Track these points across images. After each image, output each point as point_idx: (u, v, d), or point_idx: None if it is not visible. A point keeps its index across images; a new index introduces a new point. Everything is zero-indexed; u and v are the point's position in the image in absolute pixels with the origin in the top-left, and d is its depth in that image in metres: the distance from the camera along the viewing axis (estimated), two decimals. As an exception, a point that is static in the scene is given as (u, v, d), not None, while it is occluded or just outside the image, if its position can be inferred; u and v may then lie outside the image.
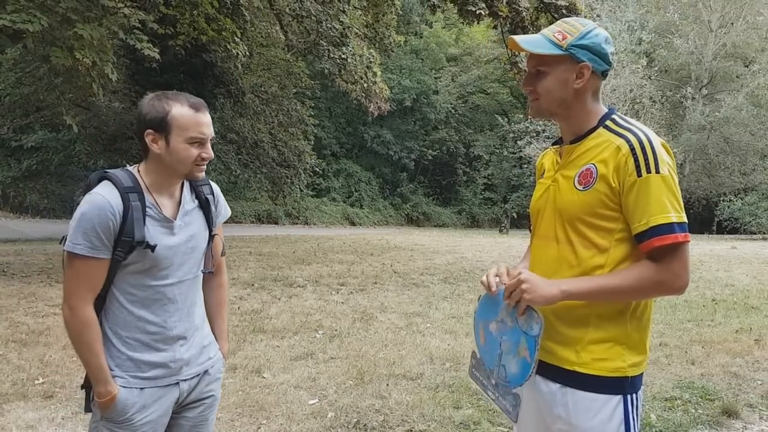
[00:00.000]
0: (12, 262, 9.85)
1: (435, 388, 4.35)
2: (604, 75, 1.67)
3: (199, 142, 1.78)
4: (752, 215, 30.11)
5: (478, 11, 11.99)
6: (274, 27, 16.01)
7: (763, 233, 29.90)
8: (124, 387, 1.78)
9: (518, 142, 30.73)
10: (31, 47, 8.42)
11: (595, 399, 1.59)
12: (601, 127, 1.64)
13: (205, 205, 1.95)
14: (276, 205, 26.67)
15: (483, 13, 12.08)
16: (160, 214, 1.80)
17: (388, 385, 4.40)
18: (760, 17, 32.05)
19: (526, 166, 32.21)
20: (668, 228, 1.49)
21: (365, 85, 14.29)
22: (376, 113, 16.59)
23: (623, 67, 26.87)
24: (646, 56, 29.81)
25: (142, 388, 1.80)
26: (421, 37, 38.51)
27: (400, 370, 4.78)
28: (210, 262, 2.00)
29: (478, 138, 38.00)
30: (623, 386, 1.60)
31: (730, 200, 31.35)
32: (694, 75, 34.45)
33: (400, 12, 17.53)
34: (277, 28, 15.72)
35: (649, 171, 1.51)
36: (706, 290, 9.56)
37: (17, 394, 3.98)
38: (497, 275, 1.70)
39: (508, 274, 1.70)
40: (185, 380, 1.89)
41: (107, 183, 1.76)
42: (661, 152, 1.54)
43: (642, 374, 1.65)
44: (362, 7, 14.06)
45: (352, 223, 31.71)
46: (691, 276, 1.54)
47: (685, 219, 1.53)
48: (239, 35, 11.63)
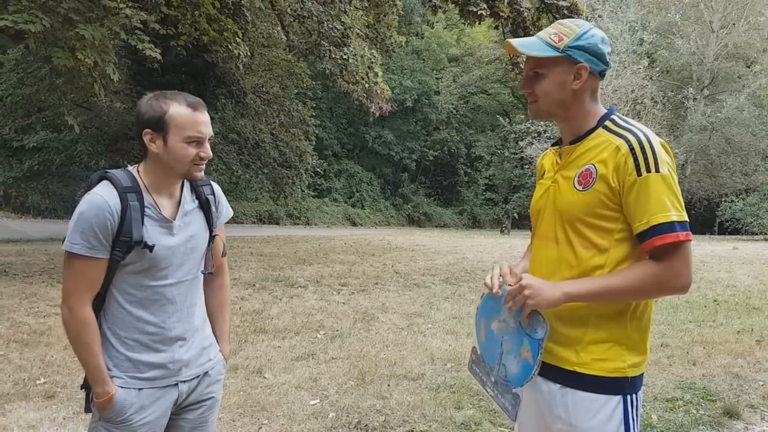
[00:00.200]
0: (14, 263, 9.87)
1: (436, 389, 4.35)
2: (602, 75, 1.67)
3: (197, 141, 1.77)
4: (754, 216, 30.05)
5: (479, 12, 11.99)
6: (275, 27, 16.02)
7: (765, 234, 29.84)
8: (122, 387, 1.77)
9: (519, 142, 30.69)
10: (33, 48, 8.44)
11: (594, 399, 1.59)
12: (601, 128, 1.65)
13: (205, 206, 1.94)
14: (277, 205, 26.68)
15: (484, 13, 12.08)
16: (159, 215, 1.79)
17: (389, 385, 4.40)
18: (761, 18, 32.00)
19: (527, 166, 32.16)
20: (669, 227, 1.49)
21: (366, 85, 14.28)
22: (377, 114, 16.58)
23: (625, 67, 26.84)
24: (648, 57, 29.79)
25: (140, 389, 1.79)
26: (422, 38, 38.52)
27: (402, 370, 4.78)
28: (210, 263, 1.98)
29: (480, 138, 37.99)
30: (623, 386, 1.60)
31: (732, 201, 31.29)
32: (696, 75, 34.40)
33: (402, 12, 17.53)
34: (279, 28, 15.73)
35: (648, 170, 1.51)
36: (707, 291, 9.56)
37: (19, 394, 3.99)
38: (500, 276, 1.71)
39: (511, 274, 1.71)
40: (184, 381, 1.88)
41: (106, 183, 1.76)
42: (661, 152, 1.54)
43: (642, 375, 1.65)
44: (363, 7, 14.05)
45: (354, 224, 31.72)
46: (693, 277, 1.54)
47: (686, 218, 1.53)
48: (241, 36, 11.64)
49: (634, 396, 1.62)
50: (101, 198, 1.71)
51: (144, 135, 1.76)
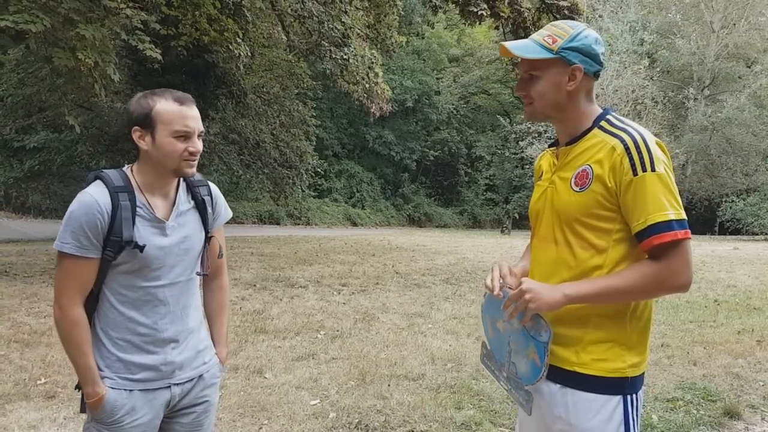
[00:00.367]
0: (14, 263, 9.87)
1: (436, 389, 4.36)
2: (596, 76, 1.68)
3: (185, 135, 1.75)
4: (754, 216, 30.01)
5: (479, 12, 12.00)
6: (276, 28, 16.03)
7: (766, 234, 29.79)
8: (112, 388, 1.76)
9: (520, 142, 30.65)
10: (34, 48, 8.44)
11: (594, 399, 1.60)
12: (596, 128, 1.65)
13: (201, 207, 1.91)
14: (278, 205, 26.68)
15: (485, 13, 12.10)
16: (151, 214, 1.78)
17: (389, 385, 4.40)
18: (762, 18, 31.97)
19: (528, 166, 32.11)
20: (667, 226, 1.49)
21: (367, 85, 14.30)
22: (377, 114, 16.60)
23: (625, 67, 26.80)
24: (648, 57, 29.73)
25: (131, 390, 1.78)
26: (422, 38, 38.52)
27: (402, 370, 4.78)
28: (205, 265, 1.95)
29: (480, 138, 37.97)
30: (623, 387, 1.60)
31: (733, 201, 31.25)
32: (696, 76, 34.38)
33: (402, 13, 17.52)
34: (279, 28, 15.74)
35: (644, 170, 1.51)
36: (708, 291, 9.55)
37: (19, 395, 3.99)
38: (501, 277, 1.71)
39: (511, 274, 1.72)
40: (177, 384, 1.86)
41: (98, 182, 1.75)
42: (656, 151, 1.54)
43: (642, 375, 1.66)
44: (364, 7, 14.06)
45: (354, 224, 31.71)
46: (694, 277, 1.54)
47: (684, 216, 1.53)
48: (241, 36, 11.65)
49: (634, 396, 1.62)
50: (91, 197, 1.71)
51: (133, 132, 1.76)
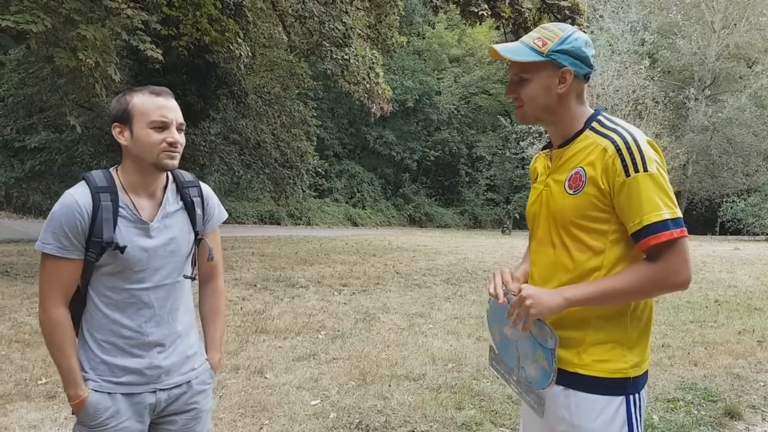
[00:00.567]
0: (15, 263, 9.88)
1: (437, 389, 4.36)
2: (587, 78, 1.68)
3: (162, 126, 1.73)
4: (755, 216, 30.02)
5: (480, 12, 12.00)
6: (276, 28, 16.03)
7: (767, 234, 29.81)
8: (96, 391, 1.75)
9: (521, 143, 30.64)
10: (35, 48, 8.44)
11: (597, 400, 1.60)
12: (588, 129, 1.65)
13: (189, 207, 1.88)
14: (278, 205, 26.68)
15: (485, 14, 12.10)
16: (134, 215, 1.75)
17: (390, 385, 4.40)
18: (763, 18, 31.94)
19: (528, 166, 32.14)
20: (662, 225, 1.50)
21: (368, 85, 14.30)
22: (378, 114, 16.60)
23: (626, 68, 26.79)
24: (649, 57, 29.72)
25: (114, 393, 1.76)
26: (423, 38, 38.51)
27: (403, 370, 4.78)
28: (193, 267, 1.91)
29: (481, 139, 37.97)
30: (625, 387, 1.60)
31: (733, 201, 31.25)
32: (697, 76, 34.37)
33: (403, 13, 17.53)
34: (280, 29, 15.74)
35: (636, 170, 1.51)
36: (708, 291, 9.55)
37: (20, 394, 4.00)
38: (503, 283, 1.72)
39: (513, 279, 1.72)
40: (164, 389, 1.83)
41: (82, 183, 1.74)
42: (648, 150, 1.54)
43: (645, 374, 1.66)
44: (365, 8, 14.06)
45: (355, 224, 31.70)
46: (694, 277, 1.54)
47: (679, 214, 1.53)
48: (242, 36, 11.64)
49: (636, 395, 1.62)
50: (72, 198, 1.70)
51: (113, 129, 1.75)
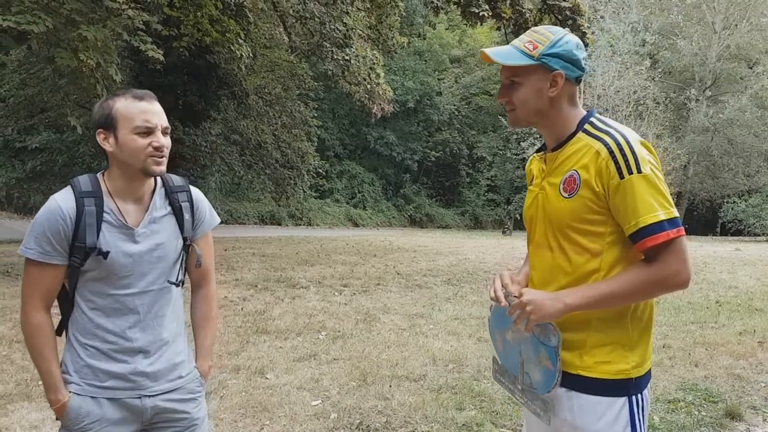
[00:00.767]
0: (16, 263, 9.88)
1: (438, 390, 4.35)
2: (578, 81, 1.67)
3: (147, 131, 1.70)
4: (756, 217, 30.02)
5: (481, 13, 11.98)
6: (277, 28, 16.06)
7: (767, 235, 29.82)
8: (77, 394, 1.73)
9: (521, 143, 30.69)
10: (36, 48, 8.46)
11: (599, 402, 1.60)
12: (581, 132, 1.65)
13: (178, 213, 1.85)
14: (279, 206, 26.68)
15: (486, 14, 12.08)
16: (119, 220, 1.73)
17: (390, 386, 4.40)
18: (764, 19, 31.96)
19: (529, 167, 32.07)
20: (658, 227, 1.49)
21: (368, 86, 14.30)
22: (379, 115, 16.62)
23: (627, 68, 26.84)
24: (650, 58, 29.76)
25: (97, 398, 1.74)
26: (424, 39, 38.50)
27: (403, 371, 4.78)
28: (180, 273, 1.88)
29: (482, 139, 37.93)
30: (627, 388, 1.60)
31: (734, 202, 31.26)
32: (698, 76, 34.38)
33: (404, 13, 17.55)
34: (281, 29, 15.76)
35: (630, 172, 1.51)
36: (709, 292, 9.53)
37: (21, 395, 4.00)
38: (503, 286, 1.72)
39: (513, 283, 1.72)
40: (150, 396, 1.79)
41: (67, 188, 1.73)
42: (641, 151, 1.54)
43: (647, 373, 1.65)
44: (365, 8, 14.06)
45: (355, 225, 31.70)
46: (695, 278, 1.54)
47: (676, 214, 1.52)
48: (243, 37, 11.65)
49: (639, 396, 1.62)
50: (55, 203, 1.69)
51: (98, 135, 1.73)
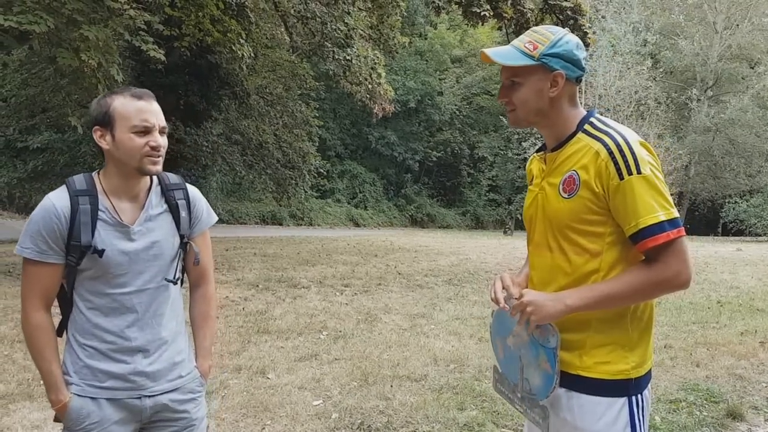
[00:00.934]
0: (17, 263, 9.89)
1: (439, 390, 4.35)
2: (578, 81, 1.67)
3: (144, 130, 1.70)
4: (758, 217, 30.00)
5: (482, 13, 11.97)
6: (279, 28, 16.04)
7: (769, 235, 29.82)
8: (78, 395, 1.73)
9: (523, 143, 30.69)
10: (37, 48, 8.47)
11: (599, 402, 1.60)
12: (580, 132, 1.65)
13: (174, 210, 1.84)
14: (280, 206, 26.67)
15: (487, 14, 12.06)
16: (114, 219, 1.73)
17: (392, 386, 4.40)
18: (765, 19, 31.93)
19: (530, 167, 32.05)
20: (659, 227, 1.49)
21: (370, 86, 14.27)
22: (380, 115, 16.57)
23: (628, 68, 26.82)
24: (651, 58, 29.73)
25: (97, 398, 1.73)
26: (425, 39, 38.50)
27: (404, 371, 4.78)
28: (176, 271, 1.86)
29: (483, 139, 37.94)
30: (627, 388, 1.60)
31: (736, 202, 31.24)
32: (700, 76, 34.36)
33: (405, 13, 17.51)
34: (282, 29, 15.74)
35: (630, 173, 1.51)
36: (711, 292, 9.53)
37: (23, 394, 4.00)
38: (504, 288, 1.72)
39: (514, 284, 1.72)
40: (150, 396, 1.79)
41: (62, 186, 1.74)
42: (641, 152, 1.53)
43: (647, 374, 1.65)
44: (367, 8, 14.04)
45: (356, 225, 31.72)
46: (697, 278, 1.54)
47: (676, 214, 1.52)
48: (244, 37, 11.66)
49: (639, 396, 1.62)
50: (50, 202, 1.69)
51: (94, 133, 1.73)
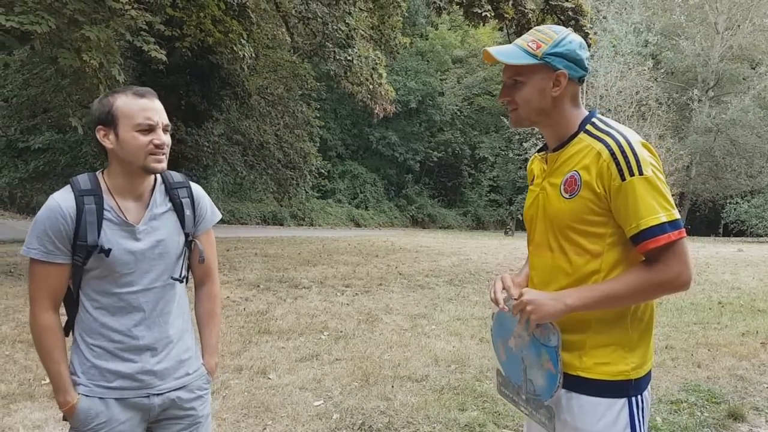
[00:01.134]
0: (19, 263, 9.90)
1: (440, 390, 4.35)
2: (581, 81, 1.67)
3: (148, 128, 1.70)
4: (759, 218, 29.99)
5: (483, 13, 11.96)
6: (280, 29, 16.06)
7: (770, 236, 29.79)
8: (86, 396, 1.73)
9: (524, 144, 30.66)
10: (39, 49, 8.49)
11: (599, 403, 1.60)
12: (582, 132, 1.64)
13: (178, 209, 1.85)
14: (281, 206, 26.73)
15: (488, 15, 12.05)
16: (119, 218, 1.73)
17: (393, 386, 4.40)
18: (766, 19, 31.95)
19: (531, 167, 32.05)
20: (660, 229, 1.49)
21: (371, 86, 14.28)
22: (381, 115, 16.57)
23: (629, 69, 26.80)
24: (653, 58, 29.74)
25: (105, 398, 1.74)
26: (426, 39, 38.51)
27: (405, 371, 4.78)
28: (182, 269, 1.87)
29: (484, 140, 37.91)
30: (627, 389, 1.60)
31: (737, 203, 31.23)
32: (701, 77, 34.35)
33: (406, 14, 17.52)
34: (283, 29, 15.77)
35: (632, 174, 1.51)
36: (712, 293, 9.52)
37: (24, 394, 4.01)
38: (504, 289, 1.72)
39: (514, 285, 1.72)
40: (158, 395, 1.80)
41: (67, 186, 1.73)
42: (642, 153, 1.53)
43: (647, 374, 1.65)
44: (368, 9, 14.05)
45: (357, 225, 31.71)
46: (698, 279, 1.54)
47: (677, 215, 1.52)
48: (245, 37, 11.67)
49: (639, 397, 1.61)
50: (55, 202, 1.69)
51: (97, 132, 1.73)
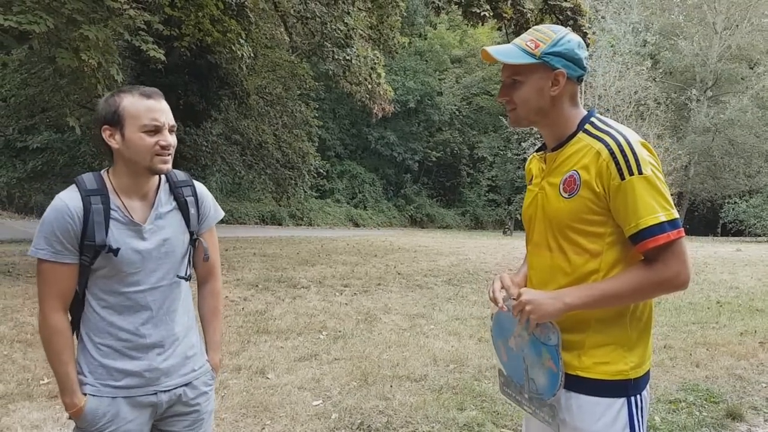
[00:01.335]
0: (17, 263, 9.89)
1: (439, 390, 4.36)
2: (580, 80, 1.67)
3: (154, 129, 1.71)
4: (757, 217, 30.01)
5: (482, 13, 11.96)
6: (278, 28, 16.03)
7: (768, 235, 29.83)
8: (94, 396, 1.73)
9: (522, 143, 30.67)
10: (37, 48, 8.46)
11: (598, 403, 1.60)
12: (581, 132, 1.65)
13: (183, 207, 1.86)
14: (280, 206, 26.65)
15: (487, 14, 12.05)
16: (126, 217, 1.74)
17: (391, 386, 4.40)
18: (765, 19, 32.02)
19: (530, 167, 32.06)
20: (659, 228, 1.49)
21: (369, 86, 14.28)
22: (380, 115, 16.57)
23: (628, 69, 26.83)
24: (651, 58, 29.75)
25: (113, 398, 1.74)
26: (425, 39, 38.48)
27: (404, 371, 4.78)
28: (187, 268, 1.89)
29: (482, 139, 37.92)
30: (626, 389, 1.60)
31: (735, 202, 31.26)
32: (699, 77, 34.39)
33: (405, 14, 17.51)
34: (282, 29, 15.74)
35: (631, 173, 1.51)
36: (710, 293, 9.53)
37: (22, 394, 4.00)
38: (502, 288, 1.72)
39: (513, 284, 1.72)
40: (165, 391, 1.81)
41: (72, 186, 1.73)
42: (642, 152, 1.53)
43: (646, 374, 1.65)
44: (367, 8, 14.04)
45: (356, 225, 31.71)
46: (696, 278, 1.55)
47: (676, 215, 1.52)
48: (244, 37, 11.65)
49: (638, 396, 1.62)
50: (62, 202, 1.68)
51: (103, 132, 1.73)
